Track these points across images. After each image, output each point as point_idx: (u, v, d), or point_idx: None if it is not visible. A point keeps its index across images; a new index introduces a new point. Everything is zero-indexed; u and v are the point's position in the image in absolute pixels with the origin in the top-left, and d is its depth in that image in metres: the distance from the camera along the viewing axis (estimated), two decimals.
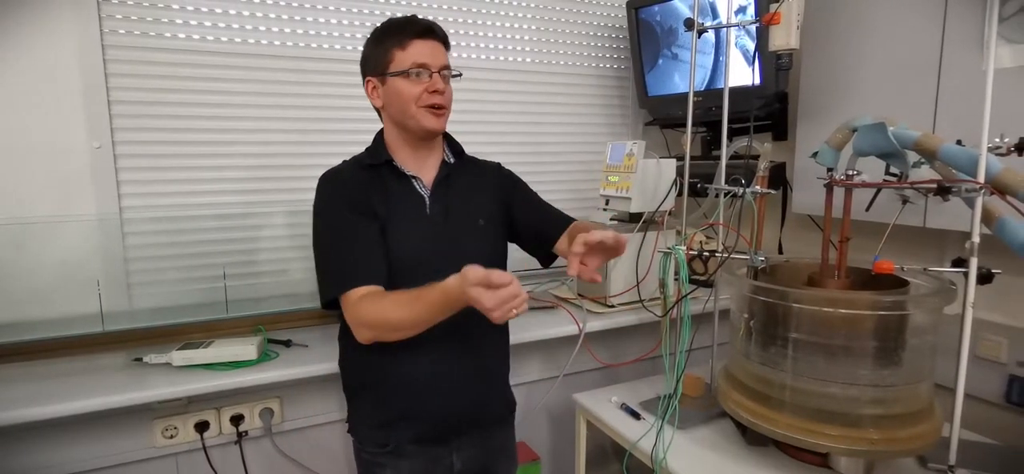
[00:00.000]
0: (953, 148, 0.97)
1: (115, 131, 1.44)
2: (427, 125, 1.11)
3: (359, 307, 1.03)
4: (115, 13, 1.42)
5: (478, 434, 1.21)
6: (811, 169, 1.26)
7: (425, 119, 1.11)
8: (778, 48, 1.19)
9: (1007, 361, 1.33)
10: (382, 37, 1.12)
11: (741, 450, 1.19)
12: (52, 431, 1.21)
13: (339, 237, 1.08)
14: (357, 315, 1.04)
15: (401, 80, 1.09)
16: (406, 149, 1.16)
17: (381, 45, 1.11)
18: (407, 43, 1.09)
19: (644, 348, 1.77)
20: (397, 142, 1.16)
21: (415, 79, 1.09)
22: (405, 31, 1.10)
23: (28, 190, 1.38)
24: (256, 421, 1.38)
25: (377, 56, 1.12)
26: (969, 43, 1.28)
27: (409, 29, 1.10)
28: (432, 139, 1.18)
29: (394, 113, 1.13)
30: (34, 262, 1.37)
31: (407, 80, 1.09)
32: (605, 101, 2.11)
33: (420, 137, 1.15)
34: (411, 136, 1.15)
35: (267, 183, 1.61)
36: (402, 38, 1.09)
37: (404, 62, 1.09)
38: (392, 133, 1.17)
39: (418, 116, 1.10)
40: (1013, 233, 0.96)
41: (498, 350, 1.26)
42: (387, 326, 1.02)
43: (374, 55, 1.12)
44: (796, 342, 1.07)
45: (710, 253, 1.29)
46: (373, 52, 1.13)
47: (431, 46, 1.11)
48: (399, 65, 1.09)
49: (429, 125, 1.11)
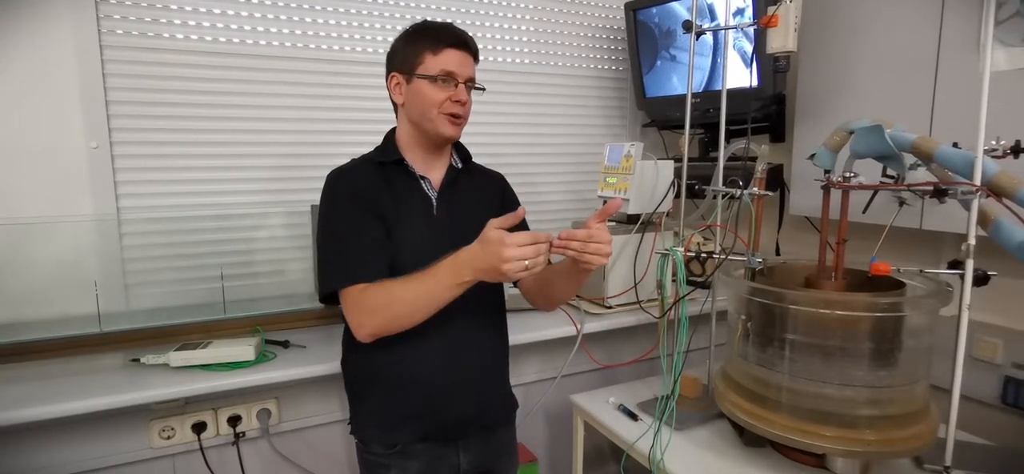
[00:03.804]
0: (949, 151, 0.98)
1: (112, 131, 1.44)
2: (444, 132, 1.12)
3: (363, 296, 1.03)
4: (113, 13, 1.42)
5: (484, 434, 1.22)
6: (808, 171, 1.27)
7: (443, 126, 1.12)
8: (776, 50, 1.20)
9: (1003, 362, 1.34)
10: (416, 37, 1.12)
11: (738, 451, 1.19)
12: (49, 432, 1.21)
13: (344, 232, 1.08)
14: (360, 304, 1.03)
15: (427, 83, 1.10)
16: (418, 150, 1.17)
17: (414, 45, 1.12)
18: (441, 49, 1.10)
19: (642, 349, 1.77)
20: (410, 141, 1.17)
21: (441, 86, 1.10)
22: (441, 37, 1.11)
23: (25, 190, 1.38)
24: (253, 422, 1.38)
25: (408, 54, 1.12)
26: (965, 46, 1.29)
27: (445, 36, 1.11)
28: (445, 145, 1.19)
29: (413, 113, 1.14)
30: (31, 262, 1.37)
31: (433, 85, 1.10)
32: (603, 102, 2.12)
33: (434, 142, 1.16)
34: (425, 138, 1.16)
35: (265, 183, 1.61)
36: (437, 44, 1.10)
37: (434, 67, 1.10)
38: (406, 131, 1.17)
39: (437, 122, 1.11)
40: (1009, 235, 0.96)
41: (501, 349, 1.26)
42: (397, 305, 1.01)
43: (404, 53, 1.13)
44: (793, 343, 1.07)
45: (708, 254, 1.29)
46: (404, 49, 1.13)
47: (462, 57, 1.12)
48: (428, 69, 1.10)
49: (446, 132, 1.13)
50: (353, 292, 1.04)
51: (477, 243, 0.96)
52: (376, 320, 1.03)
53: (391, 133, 1.21)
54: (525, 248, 0.92)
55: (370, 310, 1.02)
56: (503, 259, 0.92)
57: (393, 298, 1.01)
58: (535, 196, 1.97)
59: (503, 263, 0.92)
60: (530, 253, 0.92)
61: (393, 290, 1.02)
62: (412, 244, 1.11)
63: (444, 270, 0.98)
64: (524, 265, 0.92)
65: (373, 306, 1.02)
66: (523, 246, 0.92)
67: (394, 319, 1.03)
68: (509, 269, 0.92)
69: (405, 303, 1.01)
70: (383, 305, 1.02)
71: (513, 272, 0.92)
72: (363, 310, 1.03)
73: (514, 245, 0.92)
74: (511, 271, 0.92)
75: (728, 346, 1.24)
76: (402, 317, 1.02)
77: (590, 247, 0.98)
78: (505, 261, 0.92)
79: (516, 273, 0.93)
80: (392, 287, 1.02)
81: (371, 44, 1.70)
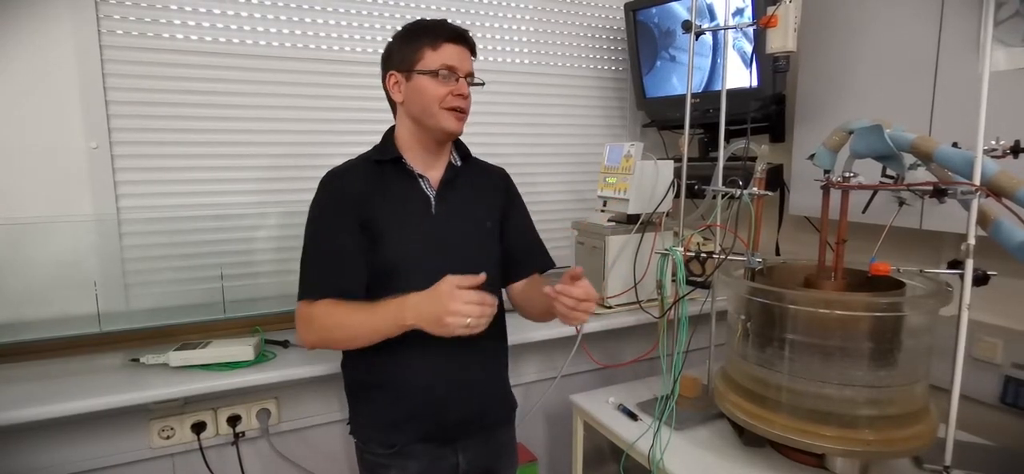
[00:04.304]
0: (949, 150, 0.98)
1: (112, 131, 1.44)
2: (447, 127, 1.12)
3: (309, 312, 1.07)
4: (113, 13, 1.42)
5: (483, 434, 1.22)
6: (808, 171, 1.27)
7: (446, 121, 1.12)
8: (775, 50, 1.20)
9: (1002, 362, 1.34)
10: (413, 35, 1.12)
11: (738, 451, 1.19)
12: (49, 432, 1.21)
13: (312, 246, 1.12)
14: (305, 319, 1.08)
15: (428, 79, 1.10)
16: (417, 147, 1.17)
17: (411, 43, 1.12)
18: (439, 44, 1.10)
19: (641, 349, 1.77)
20: (410, 140, 1.17)
21: (442, 81, 1.10)
22: (439, 33, 1.11)
23: (25, 190, 1.38)
24: (253, 422, 1.38)
25: (405, 52, 1.12)
26: (965, 46, 1.29)
27: (442, 31, 1.11)
28: (448, 141, 1.19)
29: (414, 110, 1.13)
30: (31, 262, 1.37)
31: (434, 80, 1.10)
32: (603, 103, 2.12)
33: (437, 138, 1.16)
34: (426, 136, 1.15)
35: (264, 184, 1.61)
36: (435, 39, 1.11)
37: (433, 62, 1.10)
38: (406, 130, 1.17)
39: (440, 117, 1.11)
40: (1008, 235, 0.96)
41: (500, 350, 1.26)
42: (337, 331, 1.06)
43: (402, 51, 1.13)
44: (793, 343, 1.07)
45: (707, 254, 1.29)
46: (401, 48, 1.13)
47: (461, 51, 1.13)
48: (428, 64, 1.10)
49: (450, 127, 1.12)
50: (302, 306, 1.09)
51: (428, 291, 0.98)
52: (313, 337, 1.08)
53: (389, 132, 1.20)
54: (472, 306, 0.94)
55: (312, 328, 1.07)
56: (448, 311, 0.93)
57: (335, 323, 1.06)
58: (535, 196, 1.97)
59: (447, 315, 0.94)
60: (475, 312, 0.94)
61: (337, 315, 1.05)
62: (406, 244, 1.11)
63: (389, 310, 1.01)
64: (466, 323, 0.94)
65: (316, 326, 1.07)
66: (470, 304, 0.94)
67: (332, 342, 1.10)
68: (451, 323, 0.94)
69: (345, 330, 1.06)
70: (324, 327, 1.07)
71: (454, 327, 0.94)
72: (306, 326, 1.08)
73: (462, 301, 0.94)
74: (452, 325, 0.94)
75: (728, 346, 1.24)
76: (340, 342, 1.10)
77: (581, 306, 1.03)
78: (450, 314, 0.94)
79: (456, 329, 0.94)
80: (337, 313, 1.06)
81: (370, 44, 1.70)
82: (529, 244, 1.30)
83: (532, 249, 1.30)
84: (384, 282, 1.10)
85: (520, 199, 1.32)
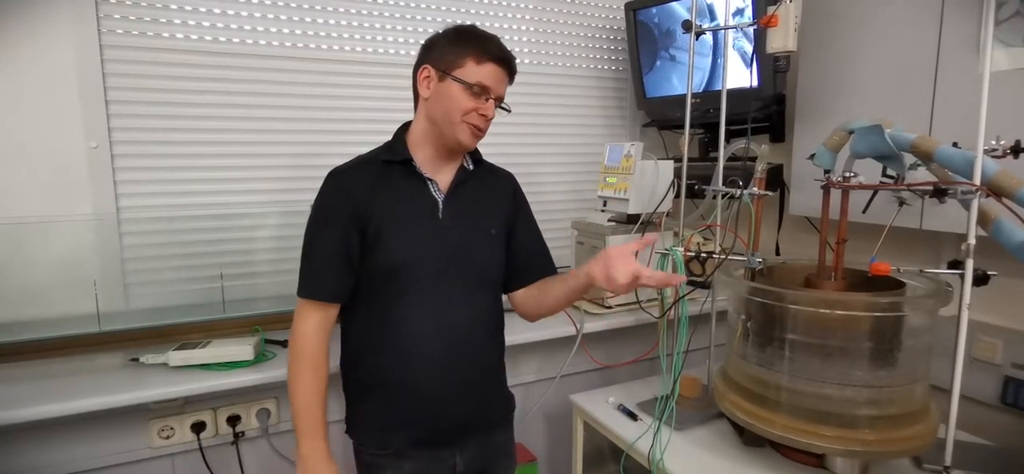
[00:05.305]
0: (949, 150, 0.98)
1: (112, 131, 1.44)
2: (463, 140, 1.12)
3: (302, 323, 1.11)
4: (113, 13, 1.42)
5: (481, 435, 1.22)
6: (808, 171, 1.27)
7: (463, 134, 1.11)
8: (776, 50, 1.20)
9: (1002, 362, 1.34)
10: (464, 40, 1.10)
11: (738, 451, 1.19)
12: (48, 431, 1.21)
13: (309, 245, 1.13)
14: (297, 328, 1.11)
15: (460, 88, 1.09)
16: (429, 148, 1.16)
17: (460, 46, 1.10)
18: (484, 61, 1.09)
19: (641, 349, 1.77)
20: (423, 139, 1.15)
21: (473, 95, 1.09)
22: (489, 49, 1.10)
23: (25, 189, 1.37)
24: (253, 422, 1.38)
25: (449, 53, 1.10)
26: (966, 46, 1.29)
27: (493, 48, 1.10)
28: (459, 151, 1.18)
29: (436, 112, 1.12)
30: (30, 262, 1.37)
31: (465, 91, 1.09)
32: (603, 102, 2.12)
33: (450, 146, 1.15)
34: (440, 140, 1.14)
35: (264, 183, 1.61)
36: (484, 54, 1.09)
37: (473, 75, 1.09)
38: (422, 128, 1.16)
39: (457, 128, 1.10)
40: (1009, 235, 0.96)
41: (499, 351, 1.26)
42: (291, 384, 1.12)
43: (446, 50, 1.11)
44: (793, 343, 1.07)
45: (707, 254, 1.29)
46: (447, 46, 1.11)
47: (501, 75, 1.12)
48: (466, 75, 1.09)
49: (465, 141, 1.12)
50: (301, 305, 1.12)
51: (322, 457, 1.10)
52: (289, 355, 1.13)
53: (401, 130, 1.19)
54: None
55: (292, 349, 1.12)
56: None
57: (296, 375, 1.11)
58: (535, 196, 1.94)
59: None
60: None
61: (302, 376, 1.10)
62: (410, 246, 1.11)
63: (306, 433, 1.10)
64: None
65: (293, 355, 1.12)
66: None
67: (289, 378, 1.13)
68: None
69: (292, 391, 1.11)
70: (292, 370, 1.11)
71: None
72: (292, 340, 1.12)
73: None
74: None
75: (728, 346, 1.24)
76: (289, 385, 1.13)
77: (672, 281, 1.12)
78: None
79: None
80: (304, 376, 1.10)
81: (372, 44, 1.70)
82: (535, 251, 1.30)
83: (538, 256, 1.30)
84: (385, 282, 1.10)
85: (527, 205, 1.31)
